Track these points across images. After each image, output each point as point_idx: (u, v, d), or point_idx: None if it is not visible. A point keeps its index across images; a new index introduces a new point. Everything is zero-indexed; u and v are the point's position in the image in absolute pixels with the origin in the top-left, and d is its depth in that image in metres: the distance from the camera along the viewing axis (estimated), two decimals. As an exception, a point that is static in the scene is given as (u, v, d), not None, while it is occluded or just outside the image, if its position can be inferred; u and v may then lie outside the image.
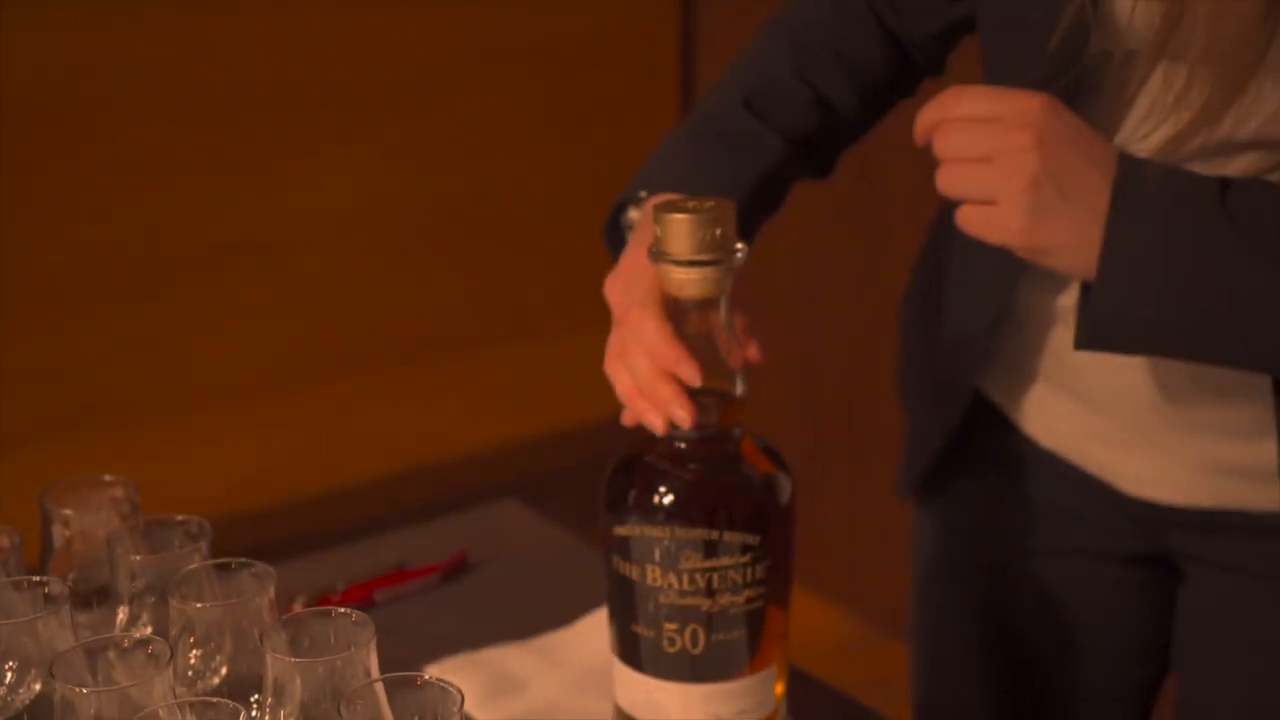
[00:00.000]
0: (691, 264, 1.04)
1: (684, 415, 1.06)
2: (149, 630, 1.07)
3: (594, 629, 1.28)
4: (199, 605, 0.98)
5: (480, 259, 3.05)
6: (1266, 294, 1.03)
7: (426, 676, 0.91)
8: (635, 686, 1.09)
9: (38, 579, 0.99)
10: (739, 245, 1.06)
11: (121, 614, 1.06)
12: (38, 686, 0.98)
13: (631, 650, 1.09)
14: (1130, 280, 1.04)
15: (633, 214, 1.23)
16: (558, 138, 3.06)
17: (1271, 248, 1.03)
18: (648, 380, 1.07)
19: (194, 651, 1.00)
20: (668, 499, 1.06)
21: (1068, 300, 1.21)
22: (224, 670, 1.00)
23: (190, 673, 1.00)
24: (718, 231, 1.04)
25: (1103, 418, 1.24)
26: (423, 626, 1.32)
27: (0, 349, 2.63)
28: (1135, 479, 1.25)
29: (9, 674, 0.97)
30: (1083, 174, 1.05)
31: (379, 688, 0.91)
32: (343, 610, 0.96)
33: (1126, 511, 1.28)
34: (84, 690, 0.88)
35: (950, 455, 1.36)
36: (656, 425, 1.07)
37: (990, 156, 1.05)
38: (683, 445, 1.07)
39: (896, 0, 1.29)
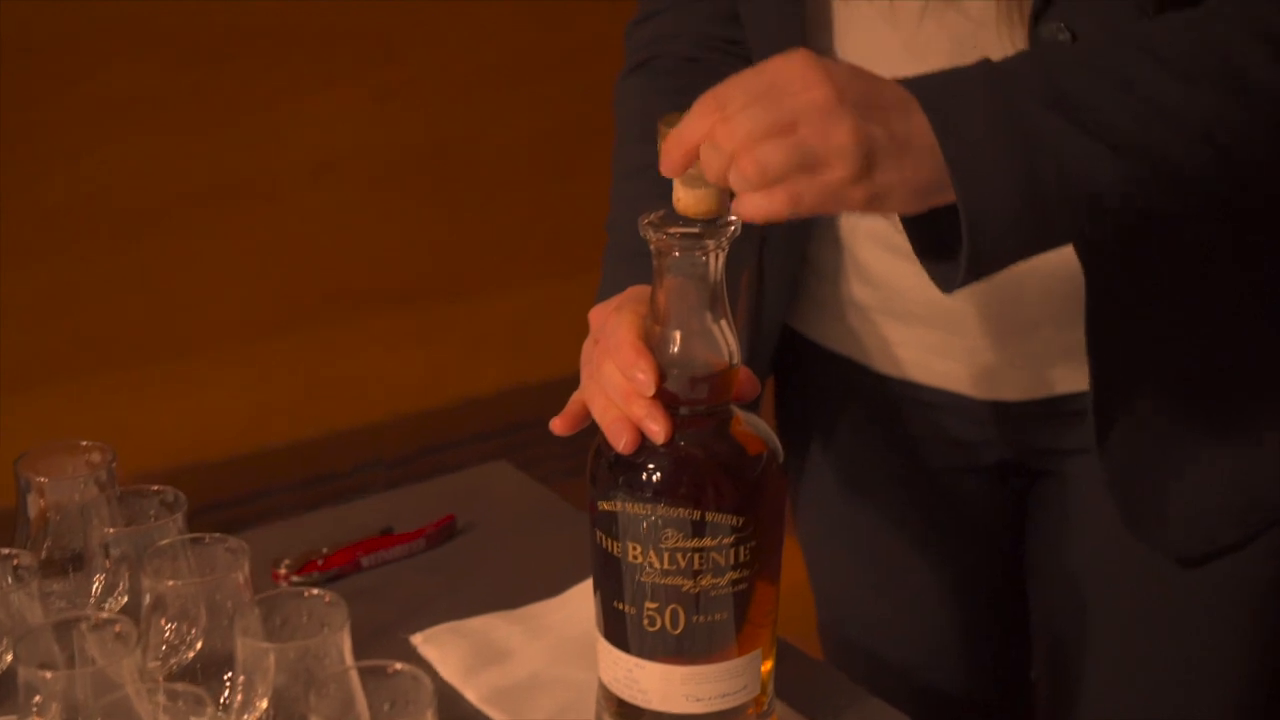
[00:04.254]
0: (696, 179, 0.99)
1: (658, 430, 1.02)
2: (125, 600, 1.06)
3: (580, 600, 1.26)
4: (171, 583, 0.96)
5: (470, 204, 3.02)
6: (1080, 142, 0.99)
7: (398, 666, 0.90)
8: (617, 663, 1.08)
9: (7, 552, 0.98)
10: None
11: (97, 582, 1.05)
12: (9, 658, 0.98)
13: (614, 626, 1.07)
14: (994, 182, 0.97)
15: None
16: (550, 79, 3.02)
17: (1067, 92, 1.00)
18: (621, 397, 1.03)
19: (168, 626, 0.99)
20: (655, 476, 1.03)
21: (879, 224, 1.21)
22: (199, 645, 1.00)
23: (165, 647, 0.99)
24: None
25: (936, 332, 1.25)
26: (408, 592, 1.30)
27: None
28: (979, 382, 1.27)
29: (-22, 645, 0.97)
30: (889, 99, 0.97)
31: (353, 674, 0.90)
32: (315, 591, 0.95)
33: (979, 417, 1.30)
34: (47, 674, 0.86)
35: (793, 394, 1.39)
36: (620, 444, 1.02)
37: (794, 123, 0.96)
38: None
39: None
